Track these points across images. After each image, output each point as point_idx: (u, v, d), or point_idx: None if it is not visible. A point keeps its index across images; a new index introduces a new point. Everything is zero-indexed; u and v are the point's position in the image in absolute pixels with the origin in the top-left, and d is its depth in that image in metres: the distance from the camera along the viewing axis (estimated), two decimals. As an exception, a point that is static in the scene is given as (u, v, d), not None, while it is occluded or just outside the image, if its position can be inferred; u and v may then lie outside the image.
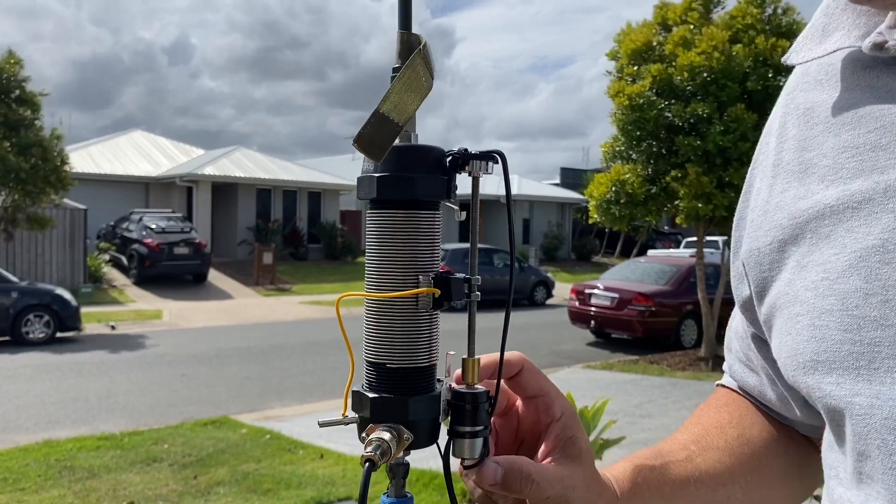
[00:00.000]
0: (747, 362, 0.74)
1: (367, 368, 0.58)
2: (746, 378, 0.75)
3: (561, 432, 0.61)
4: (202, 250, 21.29)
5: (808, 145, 0.57)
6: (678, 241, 29.97)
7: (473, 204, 0.59)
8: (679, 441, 0.74)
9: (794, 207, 0.55)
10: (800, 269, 0.54)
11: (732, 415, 0.76)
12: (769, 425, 0.75)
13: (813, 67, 0.60)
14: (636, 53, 10.40)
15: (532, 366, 0.63)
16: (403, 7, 0.57)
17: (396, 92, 0.54)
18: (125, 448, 6.29)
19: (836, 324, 0.50)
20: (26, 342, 12.27)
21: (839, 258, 0.50)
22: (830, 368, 0.50)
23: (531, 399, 0.64)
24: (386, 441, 0.54)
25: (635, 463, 0.69)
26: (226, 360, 11.05)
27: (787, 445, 0.75)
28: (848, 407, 0.48)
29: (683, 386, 9.39)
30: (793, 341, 0.53)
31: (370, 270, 0.58)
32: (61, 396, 8.59)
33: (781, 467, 0.75)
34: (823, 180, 0.54)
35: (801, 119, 0.59)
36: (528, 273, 20.27)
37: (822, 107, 0.57)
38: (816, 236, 0.53)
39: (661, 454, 0.71)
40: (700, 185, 9.71)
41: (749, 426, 0.75)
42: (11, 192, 14.51)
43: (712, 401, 0.80)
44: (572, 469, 0.60)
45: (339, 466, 5.77)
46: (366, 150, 0.54)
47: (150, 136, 31.41)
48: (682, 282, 12.98)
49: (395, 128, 0.54)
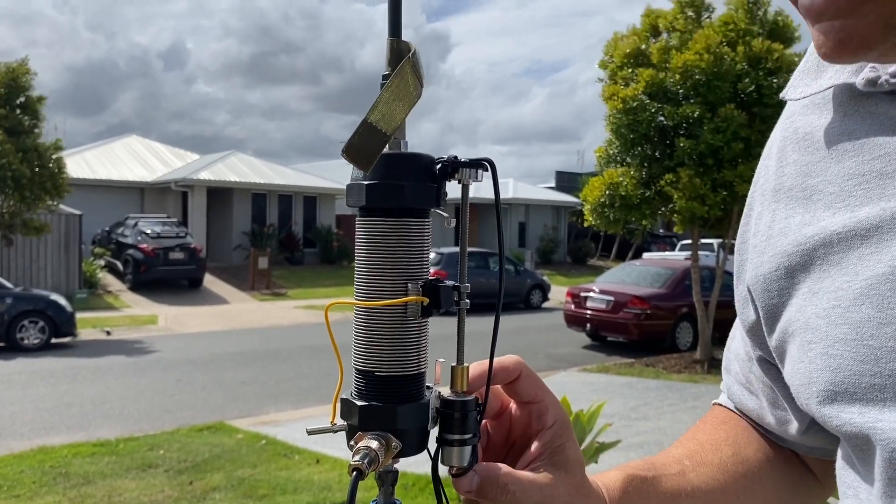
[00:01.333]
0: (747, 385, 0.73)
1: (356, 376, 0.58)
2: (745, 401, 0.74)
3: (550, 441, 0.61)
4: (197, 255, 21.25)
5: (810, 171, 0.56)
6: (673, 244, 30.03)
7: (463, 212, 0.59)
8: (673, 455, 0.74)
9: (800, 234, 0.55)
10: (811, 295, 0.54)
11: (728, 433, 0.76)
12: (765, 446, 0.75)
13: None
14: (628, 57, 10.45)
15: (530, 372, 0.63)
16: (393, 14, 0.57)
17: (385, 101, 0.54)
18: (120, 454, 6.27)
19: (851, 354, 0.49)
20: (21, 348, 12.23)
21: (850, 286, 0.50)
22: (852, 399, 0.50)
23: (525, 405, 0.64)
24: (374, 449, 0.54)
25: (627, 472, 0.68)
26: (221, 366, 11.03)
27: (782, 466, 0.75)
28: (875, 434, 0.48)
29: (679, 389, 9.40)
30: (806, 369, 0.53)
31: (359, 278, 0.58)
32: (56, 402, 8.56)
33: (776, 487, 0.74)
34: (830, 207, 0.53)
35: (800, 144, 0.59)
36: (524, 276, 20.28)
37: (821, 132, 0.57)
38: (826, 263, 0.53)
39: (654, 466, 0.71)
40: (693, 186, 9.75)
41: (745, 445, 0.75)
42: (9, 197, 14.50)
43: (709, 418, 0.80)
44: (556, 478, 0.60)
45: (335, 471, 5.76)
46: (354, 159, 0.54)
47: (145, 141, 31.38)
48: (677, 284, 13.00)
49: (383, 137, 0.54)
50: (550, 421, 0.62)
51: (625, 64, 10.45)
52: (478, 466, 0.59)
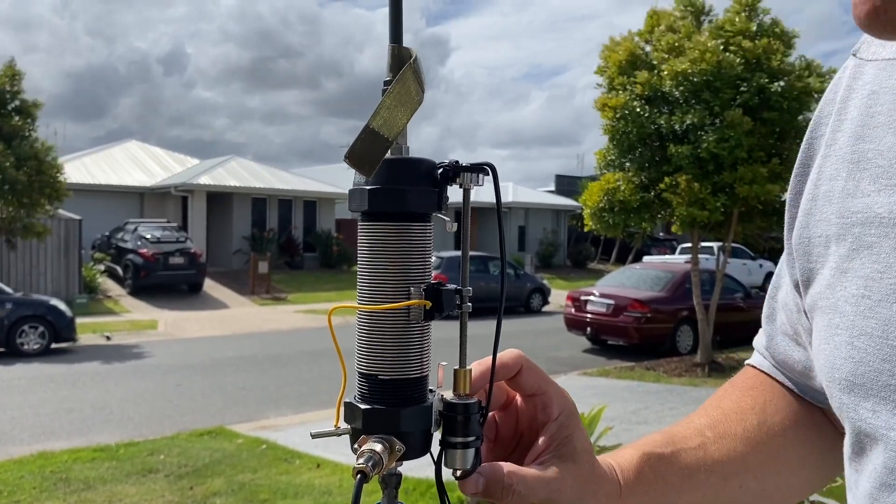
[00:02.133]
0: (794, 336, 0.69)
1: (360, 380, 0.59)
2: (791, 352, 0.70)
3: (556, 432, 0.61)
4: (197, 260, 21.25)
5: (865, 134, 0.54)
6: (673, 248, 30.03)
7: (464, 216, 0.59)
8: (694, 426, 0.72)
9: (843, 206, 0.54)
10: (840, 273, 0.53)
11: (756, 399, 0.73)
12: (795, 411, 0.72)
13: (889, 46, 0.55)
14: (623, 66, 10.46)
15: (531, 365, 0.63)
16: (394, 21, 0.58)
17: (387, 107, 0.54)
18: (121, 459, 6.27)
19: (875, 350, 0.49)
20: (21, 353, 12.22)
21: (883, 279, 0.49)
22: (867, 394, 0.49)
23: (530, 397, 0.64)
24: (377, 452, 0.54)
25: (643, 450, 0.67)
26: (221, 370, 11.02)
27: (810, 432, 0.72)
28: (882, 438, 0.48)
29: (680, 392, 9.40)
30: (830, 353, 0.53)
31: (362, 282, 0.58)
32: (56, 408, 8.55)
33: (801, 456, 0.72)
34: (876, 182, 0.51)
35: (864, 101, 0.55)
36: (524, 280, 20.27)
37: (889, 95, 0.53)
38: (859, 243, 0.52)
39: (672, 440, 0.69)
40: (692, 191, 9.75)
41: (773, 412, 0.72)
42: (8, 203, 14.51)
43: (738, 381, 0.77)
44: (564, 470, 0.60)
45: (335, 476, 5.76)
46: (357, 165, 0.54)
47: (144, 146, 31.39)
48: (677, 288, 13.00)
49: (385, 143, 0.54)
50: (556, 412, 0.62)
51: (620, 71, 10.47)
52: (482, 468, 0.59)
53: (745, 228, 11.06)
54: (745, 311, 13.82)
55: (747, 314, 13.90)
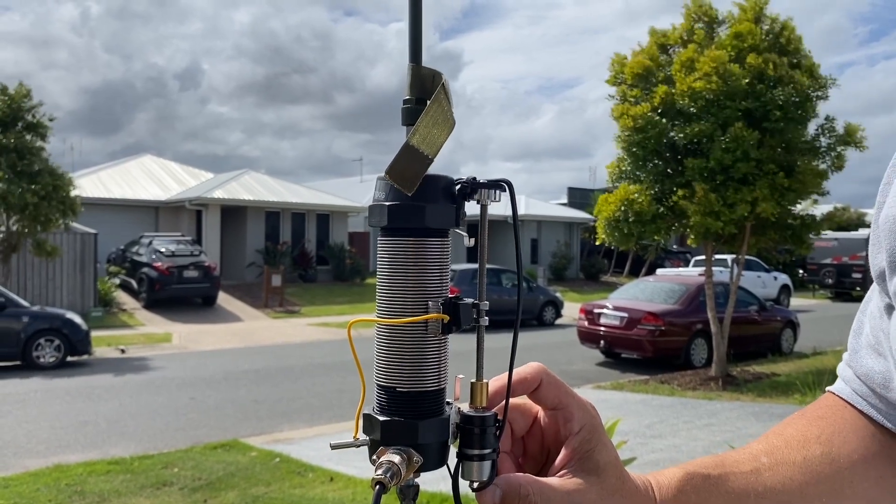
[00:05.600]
0: (876, 345, 0.67)
1: (378, 392, 0.60)
2: (872, 364, 0.68)
3: (578, 447, 0.61)
4: (211, 273, 21.36)
5: None
6: (687, 260, 29.90)
7: (482, 231, 0.60)
8: (750, 452, 0.69)
9: None
10: None
11: (824, 429, 0.69)
12: (870, 445, 0.68)
13: None
14: (639, 77, 10.49)
15: (552, 378, 0.63)
16: (413, 41, 0.59)
17: (424, 125, 0.56)
18: (135, 472, 6.29)
19: None
20: (37, 366, 12.30)
21: None
22: None
23: (552, 411, 0.63)
24: (396, 463, 0.55)
25: (688, 470, 0.65)
26: (235, 383, 11.05)
27: (883, 467, 0.68)
28: None
29: (694, 406, 9.33)
30: None
31: (381, 296, 0.59)
32: (71, 420, 8.60)
33: (867, 492, 0.67)
34: None
35: None
36: (537, 293, 20.23)
37: None
38: None
39: (723, 464, 0.66)
40: (709, 201, 9.73)
41: (841, 444, 0.68)
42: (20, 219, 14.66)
43: (809, 409, 0.74)
44: (587, 483, 0.59)
45: (349, 490, 5.75)
46: (398, 181, 0.56)
47: (159, 160, 31.67)
48: (691, 301, 12.93)
49: (425, 160, 0.56)
50: (577, 427, 0.62)
51: (635, 83, 10.49)
52: (499, 479, 0.59)
53: (758, 241, 11.01)
54: (759, 323, 13.73)
55: (762, 327, 13.80)
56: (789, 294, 25.97)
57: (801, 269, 29.75)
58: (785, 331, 14.23)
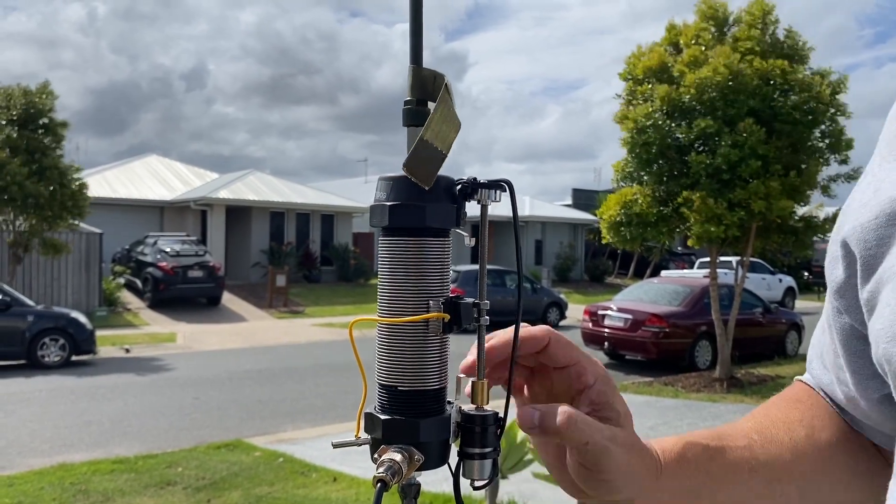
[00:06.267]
0: (821, 358, 0.71)
1: (380, 391, 0.60)
2: (821, 375, 0.72)
3: (596, 397, 0.61)
4: (216, 273, 21.40)
5: None
6: (692, 262, 29.85)
7: (482, 232, 0.61)
8: (742, 429, 0.72)
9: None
10: None
11: (804, 413, 0.73)
12: (840, 429, 0.72)
13: None
14: (651, 71, 10.46)
15: (560, 337, 0.63)
16: (414, 42, 0.60)
17: (436, 121, 0.56)
18: (139, 471, 6.31)
19: None
20: (42, 365, 12.34)
21: None
22: None
23: (563, 370, 0.63)
24: (397, 462, 0.55)
25: (688, 439, 0.67)
26: (239, 383, 11.07)
27: (854, 453, 0.72)
28: None
29: (698, 408, 9.32)
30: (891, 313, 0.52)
31: (382, 295, 0.60)
32: (76, 420, 8.62)
33: (844, 475, 0.72)
34: None
35: None
36: (541, 294, 20.23)
37: None
38: None
39: (720, 437, 0.69)
40: (708, 208, 9.71)
41: (820, 428, 0.72)
42: (29, 217, 14.72)
43: (785, 394, 0.78)
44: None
45: (352, 489, 5.76)
46: (414, 174, 0.56)
47: (164, 160, 31.73)
48: (696, 302, 12.92)
49: (439, 154, 0.56)
50: (591, 379, 0.62)
51: (646, 78, 10.47)
52: (538, 405, 0.60)
53: (762, 244, 10.99)
54: (764, 326, 13.71)
55: (766, 329, 13.78)
56: (794, 296, 25.91)
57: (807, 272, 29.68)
58: (789, 333, 14.20)
